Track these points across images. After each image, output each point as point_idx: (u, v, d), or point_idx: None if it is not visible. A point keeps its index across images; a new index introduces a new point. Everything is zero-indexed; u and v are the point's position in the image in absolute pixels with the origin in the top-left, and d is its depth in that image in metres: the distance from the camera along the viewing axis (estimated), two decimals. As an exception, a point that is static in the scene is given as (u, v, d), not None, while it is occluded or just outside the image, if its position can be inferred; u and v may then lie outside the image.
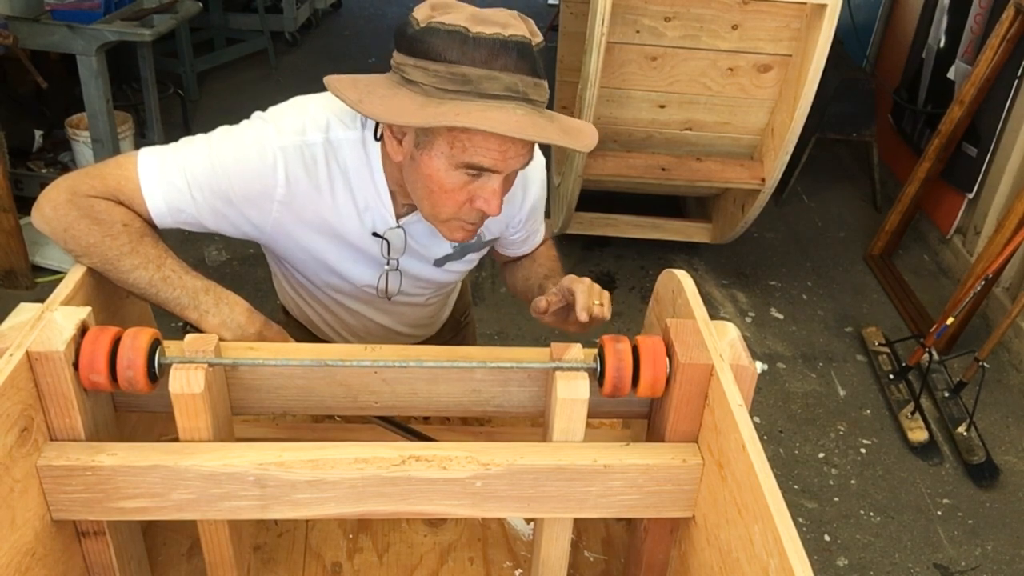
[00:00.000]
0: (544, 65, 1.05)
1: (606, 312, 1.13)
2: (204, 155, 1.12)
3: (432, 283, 1.39)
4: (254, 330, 1.10)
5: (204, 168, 1.11)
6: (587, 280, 1.16)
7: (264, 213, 1.16)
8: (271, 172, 1.13)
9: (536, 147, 1.26)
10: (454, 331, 1.69)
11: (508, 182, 1.11)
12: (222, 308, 1.09)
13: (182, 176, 1.11)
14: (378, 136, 1.16)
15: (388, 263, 1.28)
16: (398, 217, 1.23)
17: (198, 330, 1.08)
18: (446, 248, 1.31)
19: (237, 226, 1.17)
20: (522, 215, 1.34)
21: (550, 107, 1.08)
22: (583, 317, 1.11)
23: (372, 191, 1.19)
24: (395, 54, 1.06)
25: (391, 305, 1.40)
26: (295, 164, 1.14)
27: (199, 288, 1.09)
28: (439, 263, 1.33)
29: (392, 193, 1.20)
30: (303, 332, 1.52)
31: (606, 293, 1.16)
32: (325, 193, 1.18)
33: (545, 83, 1.05)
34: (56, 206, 1.07)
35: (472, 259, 1.38)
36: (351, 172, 1.18)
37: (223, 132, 1.16)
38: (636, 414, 1.14)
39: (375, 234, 1.23)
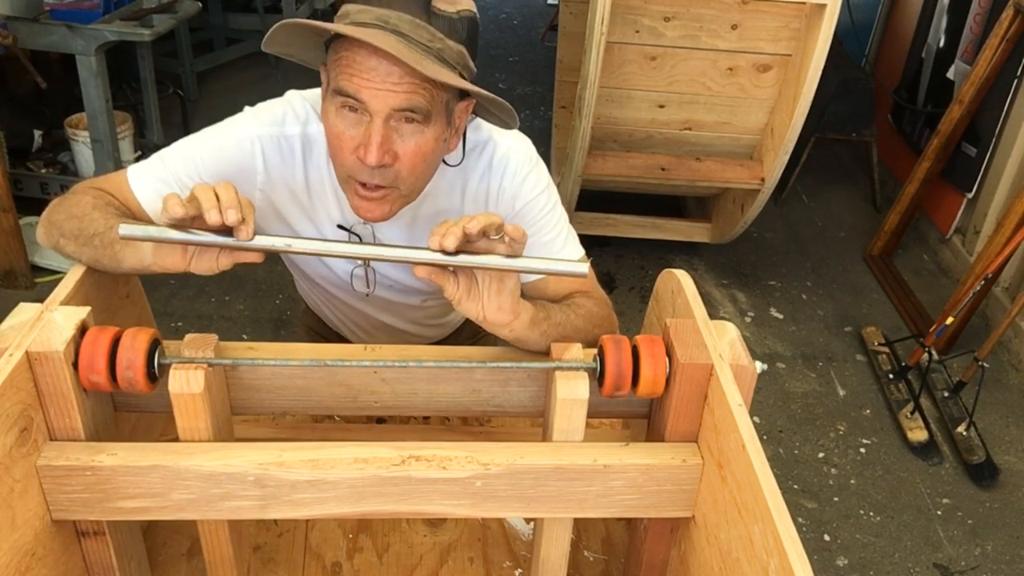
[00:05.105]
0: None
1: (449, 244, 0.89)
2: (186, 151, 1.16)
3: (407, 286, 1.34)
4: None
5: (185, 163, 1.15)
6: (496, 217, 0.92)
7: None
8: (250, 159, 1.16)
9: (525, 173, 1.21)
10: (471, 339, 1.68)
11: (398, 136, 1.04)
12: None
13: (169, 172, 1.15)
14: None
15: (360, 261, 1.29)
16: None
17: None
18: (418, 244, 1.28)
19: None
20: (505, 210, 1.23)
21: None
22: (433, 244, 0.90)
23: (340, 185, 1.19)
24: None
25: (385, 303, 1.39)
26: (272, 152, 1.17)
27: None
28: None
29: None
30: (320, 325, 1.56)
31: (515, 231, 0.91)
32: (301, 183, 1.20)
33: (429, 28, 1.01)
34: (48, 215, 1.11)
35: None
36: (324, 166, 1.19)
37: (207, 128, 1.19)
38: (636, 414, 1.14)
39: (341, 226, 1.24)
